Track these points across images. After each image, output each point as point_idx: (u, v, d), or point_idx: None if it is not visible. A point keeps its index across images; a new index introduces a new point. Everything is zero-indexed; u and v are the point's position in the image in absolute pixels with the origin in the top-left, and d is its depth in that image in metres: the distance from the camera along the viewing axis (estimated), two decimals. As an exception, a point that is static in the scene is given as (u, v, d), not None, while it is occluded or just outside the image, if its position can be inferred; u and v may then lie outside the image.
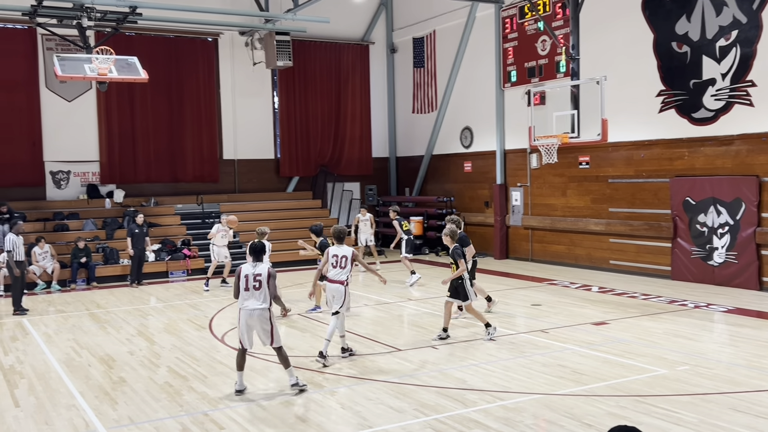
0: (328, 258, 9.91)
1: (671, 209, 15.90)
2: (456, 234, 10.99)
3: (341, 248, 9.90)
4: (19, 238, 14.39)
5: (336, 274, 9.77)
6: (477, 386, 8.50)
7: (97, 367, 9.90)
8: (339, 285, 9.71)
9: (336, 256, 9.85)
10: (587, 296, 14.47)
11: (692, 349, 9.98)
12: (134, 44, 20.11)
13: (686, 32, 15.47)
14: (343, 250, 9.88)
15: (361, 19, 24.52)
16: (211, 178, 22.16)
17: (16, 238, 14.29)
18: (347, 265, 9.77)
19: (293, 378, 8.45)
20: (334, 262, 9.83)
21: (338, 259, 9.82)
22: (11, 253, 14.22)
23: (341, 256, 9.82)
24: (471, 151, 21.98)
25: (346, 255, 9.81)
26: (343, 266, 9.77)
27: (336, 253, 9.87)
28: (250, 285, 8.35)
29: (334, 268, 9.83)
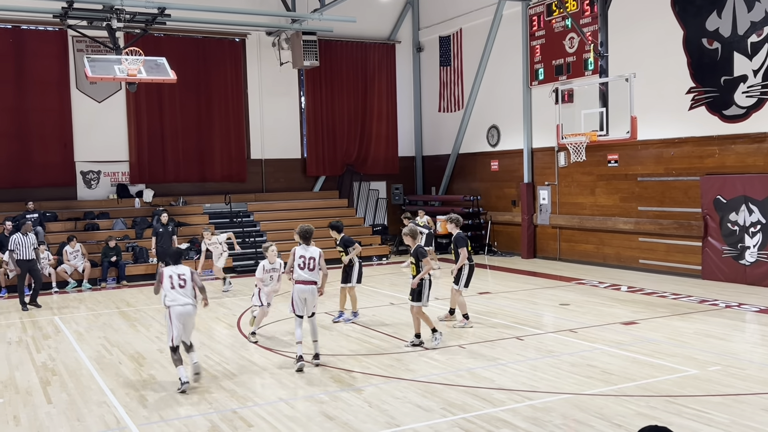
0: (294, 259, 9.44)
1: (702, 208, 15.69)
2: (417, 233, 10.53)
3: (308, 249, 9.47)
4: (27, 238, 14.74)
5: (304, 275, 9.34)
6: (505, 386, 8.46)
7: (128, 364, 10.02)
8: (312, 286, 9.37)
9: (303, 257, 9.41)
10: (616, 296, 14.33)
11: (724, 350, 9.84)
12: (163, 45, 20.32)
13: (717, 28, 15.25)
14: (310, 250, 9.46)
15: (387, 18, 24.52)
16: (238, 177, 22.32)
17: (21, 238, 14.65)
18: (315, 266, 9.39)
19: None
20: (301, 263, 9.38)
21: (305, 260, 9.39)
22: (13, 253, 14.60)
23: (309, 257, 9.40)
24: (498, 149, 21.88)
25: (313, 256, 9.41)
26: (311, 268, 9.37)
27: (303, 254, 9.42)
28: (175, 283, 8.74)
29: (301, 270, 9.37)
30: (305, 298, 9.36)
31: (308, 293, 9.36)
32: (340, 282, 12.38)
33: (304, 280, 9.35)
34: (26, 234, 14.76)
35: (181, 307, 8.69)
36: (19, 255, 14.64)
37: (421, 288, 10.20)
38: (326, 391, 8.41)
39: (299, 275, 9.36)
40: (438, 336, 10.39)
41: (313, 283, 9.39)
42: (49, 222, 18.94)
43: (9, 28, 19.53)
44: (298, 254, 9.45)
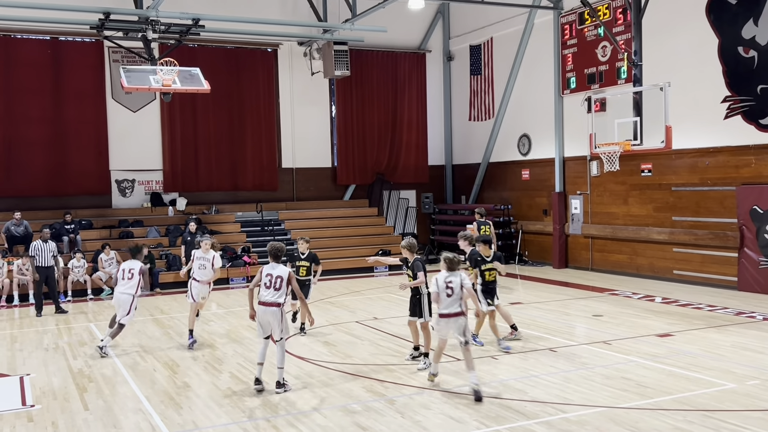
0: (261, 277, 8.87)
1: (738, 218, 15.44)
2: (414, 246, 10.04)
3: (276, 267, 8.85)
4: (46, 245, 15.10)
5: (270, 295, 8.75)
6: (538, 398, 8.39)
7: (162, 372, 10.13)
8: (275, 308, 8.74)
9: (270, 275, 8.79)
10: (650, 307, 14.15)
11: (762, 363, 9.66)
12: (197, 55, 20.58)
13: (753, 36, 15.04)
14: (278, 269, 8.84)
15: (417, 28, 24.58)
16: (270, 186, 22.49)
17: (41, 245, 15.04)
18: (282, 286, 8.77)
19: None
20: (267, 282, 8.79)
21: (272, 279, 8.77)
22: (34, 259, 14.99)
23: (276, 276, 8.78)
24: (529, 158, 21.77)
25: (281, 275, 8.79)
26: (277, 287, 8.74)
27: (270, 273, 8.81)
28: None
29: (267, 289, 8.77)
30: (268, 321, 8.77)
31: (270, 315, 8.74)
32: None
33: (266, 302, 8.75)
34: (46, 241, 15.13)
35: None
36: (38, 261, 14.97)
37: (421, 303, 9.78)
38: (359, 401, 8.42)
39: (263, 295, 8.80)
40: (426, 362, 9.67)
41: (277, 305, 8.72)
42: (84, 230, 19.25)
43: (47, 40, 19.94)
44: (265, 272, 8.85)
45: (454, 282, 8.56)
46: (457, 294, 8.54)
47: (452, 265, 8.65)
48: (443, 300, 8.56)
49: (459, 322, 8.54)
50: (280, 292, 8.79)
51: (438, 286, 8.59)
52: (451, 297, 8.51)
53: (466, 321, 8.59)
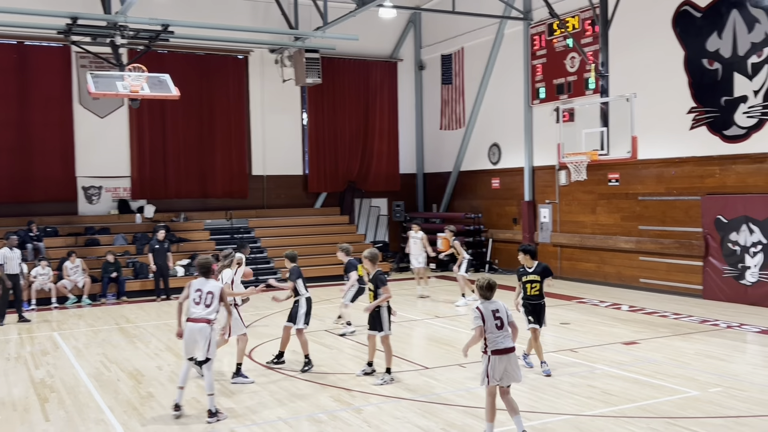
0: (190, 293, 8.35)
1: (703, 227, 15.68)
2: (377, 258, 9.76)
3: (207, 282, 8.35)
4: (13, 252, 14.89)
5: (199, 312, 8.22)
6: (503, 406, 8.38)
7: (126, 381, 9.99)
8: (204, 325, 8.18)
9: (200, 290, 8.30)
10: (617, 315, 14.29)
11: (725, 371, 9.80)
12: (166, 62, 20.43)
13: (717, 49, 15.32)
14: (208, 284, 8.34)
15: (389, 37, 24.66)
16: (240, 193, 22.35)
17: (9, 252, 14.83)
18: (213, 302, 8.25)
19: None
20: (197, 298, 8.26)
21: (202, 294, 8.27)
22: (2, 267, 14.75)
23: (206, 291, 8.28)
24: (499, 167, 21.92)
25: (212, 291, 8.29)
26: (207, 304, 8.23)
27: (199, 288, 8.31)
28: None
29: (196, 305, 8.25)
30: (195, 339, 8.21)
31: (198, 333, 8.17)
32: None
33: (196, 318, 8.21)
34: (12, 248, 14.87)
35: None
36: (7, 269, 14.74)
37: (380, 316, 9.53)
38: (326, 411, 8.37)
39: (192, 312, 8.27)
40: (387, 378, 9.48)
41: (207, 322, 8.21)
42: (49, 237, 18.95)
43: (14, 44, 19.65)
44: (194, 288, 8.34)
45: (501, 311, 7.15)
46: (507, 325, 7.15)
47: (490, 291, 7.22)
48: (492, 332, 7.04)
49: (513, 359, 7.11)
50: (210, 308, 8.22)
51: (484, 316, 7.06)
52: (501, 328, 7.09)
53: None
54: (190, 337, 8.24)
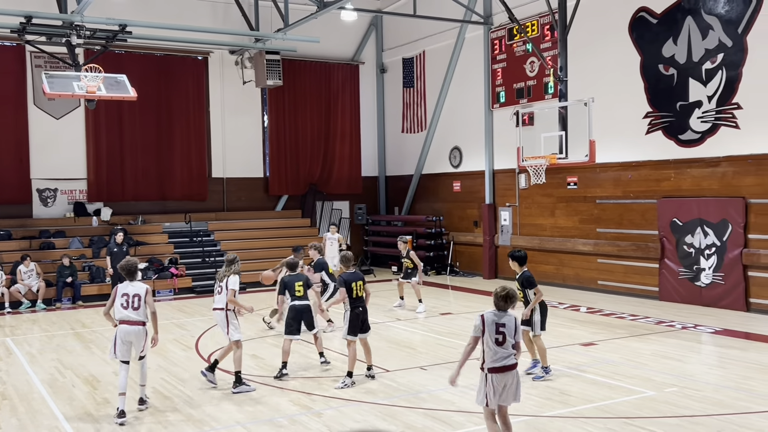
0: (116, 297, 8.39)
1: (658, 230, 15.97)
2: (348, 260, 9.80)
3: (133, 285, 8.40)
4: None
5: (130, 315, 8.31)
6: (465, 408, 8.44)
7: (81, 387, 9.78)
8: (140, 327, 8.34)
9: (126, 294, 8.32)
10: (575, 317, 14.47)
11: (680, 371, 9.98)
12: (124, 62, 20.11)
13: (673, 55, 15.63)
14: (135, 287, 8.39)
15: (351, 39, 24.64)
16: (199, 196, 22.09)
17: None
18: (140, 305, 8.32)
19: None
20: (124, 303, 8.30)
21: (129, 298, 8.31)
22: None
23: (132, 294, 8.31)
24: (460, 170, 22.05)
25: (139, 293, 8.33)
26: (136, 307, 8.30)
27: (126, 292, 8.34)
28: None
29: (124, 309, 8.30)
30: (131, 341, 8.33)
31: (134, 335, 8.31)
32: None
33: (129, 320, 8.29)
34: None
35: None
36: None
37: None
38: (285, 415, 8.31)
39: (124, 315, 8.30)
40: (348, 381, 9.44)
41: (141, 324, 8.34)
42: (2, 240, 18.49)
43: (-36, 43, 19.16)
44: (121, 292, 8.37)
45: (509, 326, 6.60)
46: (511, 340, 6.59)
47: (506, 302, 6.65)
48: (490, 347, 6.55)
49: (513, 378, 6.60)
50: (140, 311, 8.30)
51: (485, 326, 6.58)
52: (502, 345, 6.56)
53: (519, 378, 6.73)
54: (125, 339, 8.32)
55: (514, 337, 6.57)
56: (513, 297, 6.62)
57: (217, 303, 9.53)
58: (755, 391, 8.91)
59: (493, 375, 6.48)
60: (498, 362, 6.48)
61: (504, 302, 6.61)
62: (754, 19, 14.05)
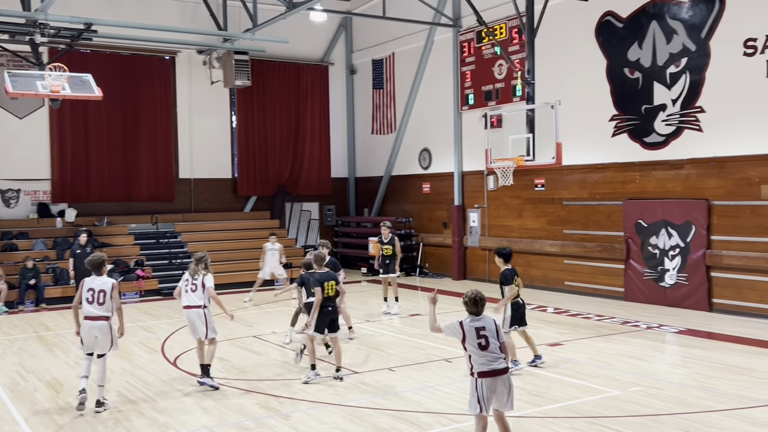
0: (82, 292, 8.53)
1: (624, 231, 16.17)
2: (320, 260, 9.93)
3: (99, 280, 8.55)
4: None
5: (94, 310, 8.45)
6: (433, 409, 8.47)
7: (44, 391, 9.61)
8: (103, 322, 8.48)
9: (92, 289, 8.50)
10: (542, 317, 14.59)
11: (644, 370, 10.11)
12: (89, 61, 19.83)
13: (638, 59, 15.85)
14: (100, 282, 8.54)
15: (320, 40, 24.58)
16: (166, 197, 21.86)
17: None
18: (105, 300, 8.45)
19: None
20: (90, 297, 8.45)
21: (95, 293, 8.46)
22: None
23: (98, 290, 8.49)
24: (429, 172, 22.11)
25: (104, 289, 8.48)
26: (101, 302, 8.43)
27: (92, 286, 8.51)
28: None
29: (89, 304, 8.44)
30: (95, 336, 8.48)
31: (98, 330, 8.46)
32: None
33: (93, 316, 8.45)
34: None
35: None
36: None
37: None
38: (252, 418, 8.25)
39: (88, 310, 8.45)
40: (312, 375, 9.67)
41: (105, 319, 8.48)
42: (-37, 242, 18.12)
43: (-76, 40, 18.70)
44: (87, 286, 8.51)
45: (489, 329, 6.58)
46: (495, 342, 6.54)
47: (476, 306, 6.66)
48: (476, 353, 6.52)
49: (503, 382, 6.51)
50: (104, 306, 8.46)
51: (466, 334, 6.56)
52: (486, 348, 6.51)
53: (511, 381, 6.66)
54: (89, 334, 8.49)
55: (497, 338, 6.52)
56: (481, 299, 6.61)
57: (192, 301, 9.46)
58: (717, 390, 9.06)
59: (482, 380, 6.41)
60: (486, 366, 6.42)
61: (474, 306, 6.60)
62: (717, 25, 14.31)
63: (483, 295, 6.65)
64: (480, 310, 6.60)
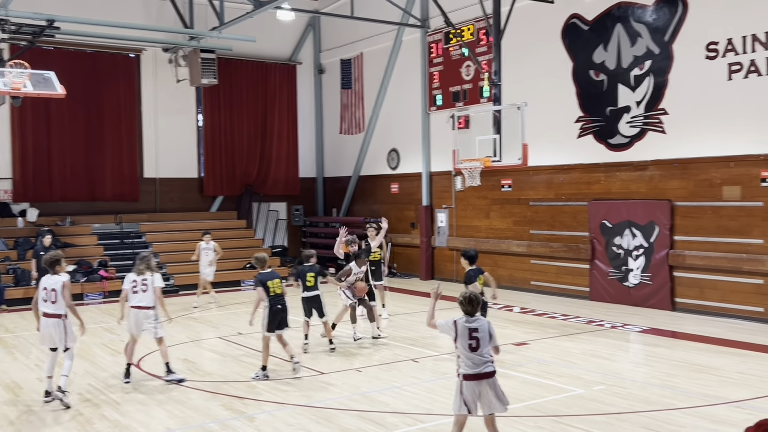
0: (39, 290, 8.82)
1: (589, 232, 16.35)
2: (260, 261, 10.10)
3: (52, 278, 8.76)
4: None
5: (49, 308, 8.70)
6: (399, 409, 8.46)
7: (2, 395, 9.41)
8: (56, 320, 8.71)
9: (46, 288, 8.74)
10: (509, 317, 14.69)
11: (608, 369, 10.22)
12: (52, 59, 19.46)
13: (603, 61, 16.03)
14: (53, 281, 8.74)
15: (288, 39, 24.46)
16: (130, 196, 21.56)
17: None
18: (57, 298, 8.67)
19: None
20: (44, 296, 8.72)
21: (47, 292, 8.73)
22: None
23: (51, 288, 8.72)
24: (398, 172, 22.13)
25: (55, 288, 8.70)
26: (53, 300, 8.67)
27: (46, 285, 8.75)
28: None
29: (45, 302, 8.71)
30: (50, 333, 8.71)
31: (53, 327, 8.69)
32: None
33: (48, 314, 8.72)
34: None
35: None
36: None
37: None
38: (216, 420, 8.16)
39: (44, 308, 8.74)
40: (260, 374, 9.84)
41: (58, 317, 8.70)
42: None
43: None
44: (42, 285, 8.79)
45: (482, 330, 6.52)
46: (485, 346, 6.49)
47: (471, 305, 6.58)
48: (465, 353, 6.43)
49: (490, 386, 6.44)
50: (57, 304, 8.68)
51: (458, 333, 6.49)
52: (476, 350, 6.45)
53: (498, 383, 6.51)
54: (46, 331, 8.76)
55: (489, 342, 6.45)
56: (476, 299, 6.57)
57: (144, 302, 9.75)
58: (679, 388, 9.19)
59: (466, 382, 6.36)
60: (472, 369, 6.35)
61: (470, 306, 6.52)
62: (680, 28, 14.54)
63: (478, 295, 6.63)
64: (474, 309, 6.52)
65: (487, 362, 6.40)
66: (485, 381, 6.35)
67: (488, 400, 6.37)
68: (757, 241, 13.47)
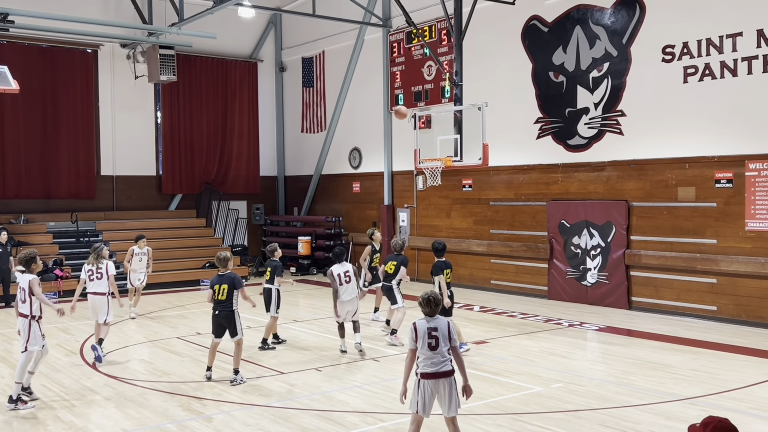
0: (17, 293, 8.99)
1: (548, 231, 16.55)
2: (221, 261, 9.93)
3: (22, 278, 8.92)
4: None
5: (20, 307, 8.86)
6: (359, 408, 8.46)
7: (-48, 397, 9.16)
8: (23, 319, 8.80)
9: (24, 289, 8.88)
10: (469, 315, 14.78)
11: (566, 367, 10.35)
12: (5, 53, 19.04)
13: (562, 63, 16.23)
14: (22, 280, 8.90)
15: (249, 37, 24.27)
16: (87, 194, 21.16)
17: None
18: (26, 297, 8.77)
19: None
20: (18, 294, 8.94)
21: (18, 291, 8.94)
22: None
23: (20, 287, 8.89)
24: (359, 171, 22.11)
25: (23, 286, 8.84)
26: (22, 299, 8.81)
27: (23, 287, 8.89)
28: None
29: (22, 303, 8.84)
30: (18, 330, 8.88)
31: (20, 325, 8.82)
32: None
33: (18, 313, 8.89)
34: None
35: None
36: None
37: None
38: (174, 421, 8.05)
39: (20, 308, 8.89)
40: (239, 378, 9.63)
41: (24, 316, 8.76)
42: None
43: None
44: (20, 287, 8.91)
45: (441, 330, 6.47)
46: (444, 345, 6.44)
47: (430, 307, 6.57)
48: (424, 352, 6.42)
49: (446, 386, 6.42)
50: (26, 303, 8.80)
51: (417, 334, 6.44)
52: (435, 349, 6.41)
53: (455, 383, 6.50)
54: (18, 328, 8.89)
55: (449, 341, 6.43)
56: (435, 300, 6.57)
57: (99, 288, 10.93)
58: (635, 385, 9.36)
59: (425, 381, 6.36)
60: (430, 367, 6.36)
61: (428, 307, 6.52)
62: (637, 31, 14.79)
63: (437, 296, 6.64)
64: (433, 310, 6.52)
65: (445, 361, 6.41)
66: (442, 380, 6.38)
67: (444, 399, 6.40)
68: (710, 241, 13.78)
